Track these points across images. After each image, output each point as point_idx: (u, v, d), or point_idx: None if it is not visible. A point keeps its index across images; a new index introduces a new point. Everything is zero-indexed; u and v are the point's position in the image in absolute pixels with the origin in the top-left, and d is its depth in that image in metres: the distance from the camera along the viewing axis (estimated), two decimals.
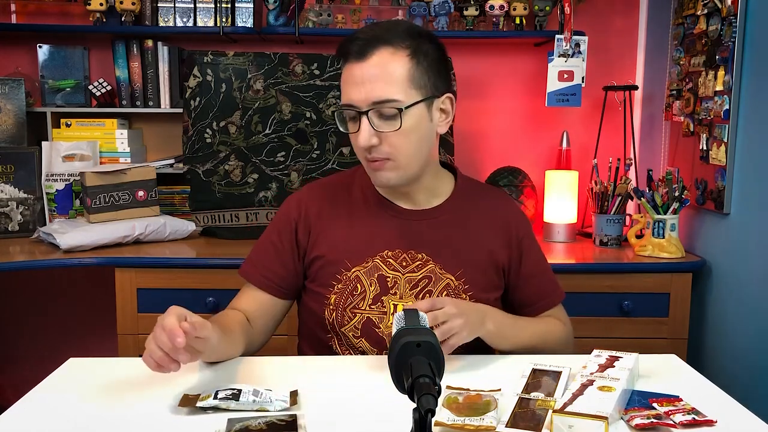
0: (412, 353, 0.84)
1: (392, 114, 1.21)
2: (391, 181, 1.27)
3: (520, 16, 2.47)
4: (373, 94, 1.20)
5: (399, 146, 1.23)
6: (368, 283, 1.31)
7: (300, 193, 1.41)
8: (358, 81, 1.21)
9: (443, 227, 1.34)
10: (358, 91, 1.21)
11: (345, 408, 1.06)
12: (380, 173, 1.26)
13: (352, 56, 1.22)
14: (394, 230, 1.33)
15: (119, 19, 2.47)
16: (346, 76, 1.24)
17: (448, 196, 1.37)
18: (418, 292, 1.31)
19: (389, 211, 1.35)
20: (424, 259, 1.32)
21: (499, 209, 1.40)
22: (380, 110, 1.21)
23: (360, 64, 1.21)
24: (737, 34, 1.96)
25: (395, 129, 1.21)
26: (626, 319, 2.10)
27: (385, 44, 1.22)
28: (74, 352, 1.35)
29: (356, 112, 1.22)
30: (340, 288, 1.31)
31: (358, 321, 1.31)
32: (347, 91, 1.23)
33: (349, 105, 1.23)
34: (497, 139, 2.69)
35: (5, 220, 2.39)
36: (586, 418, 0.94)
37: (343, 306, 1.31)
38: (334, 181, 1.42)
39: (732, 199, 2.02)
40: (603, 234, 2.32)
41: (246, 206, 2.33)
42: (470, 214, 1.37)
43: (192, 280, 2.06)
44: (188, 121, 2.30)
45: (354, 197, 1.38)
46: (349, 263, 1.32)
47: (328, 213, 1.36)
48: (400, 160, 1.24)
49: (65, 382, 1.17)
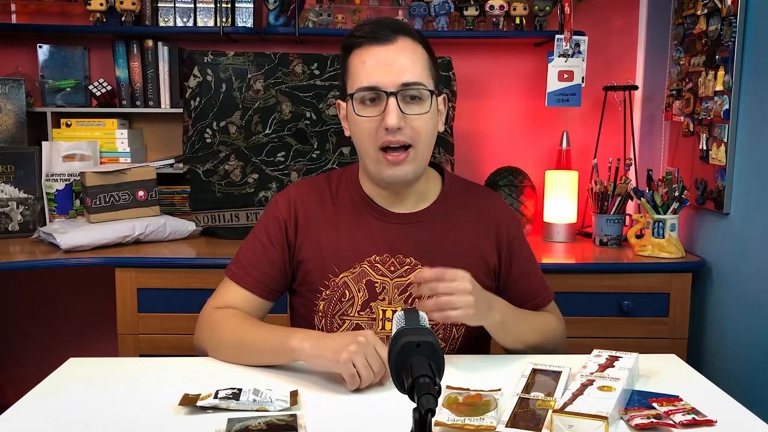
0: (412, 353, 0.84)
1: (418, 97, 1.22)
2: (408, 175, 1.25)
3: (520, 16, 2.47)
4: (402, 76, 1.20)
5: (421, 131, 1.23)
6: (356, 289, 1.30)
7: (288, 192, 1.37)
8: (385, 62, 1.21)
9: (431, 230, 1.32)
10: (386, 72, 1.20)
11: (345, 408, 1.06)
12: (398, 167, 1.24)
13: (376, 40, 1.22)
14: (382, 234, 1.31)
15: (119, 19, 2.47)
16: (368, 58, 1.22)
17: (436, 197, 1.35)
18: (407, 297, 1.30)
19: (376, 215, 1.33)
20: (413, 264, 1.30)
21: (489, 210, 1.38)
22: (406, 93, 1.21)
23: (387, 47, 1.21)
24: (737, 34, 1.96)
25: (423, 112, 1.22)
26: (626, 319, 2.10)
27: (406, 34, 1.24)
28: (74, 352, 1.35)
29: (383, 93, 1.20)
30: (328, 294, 1.30)
31: (347, 328, 1.30)
32: (370, 74, 1.21)
33: (374, 87, 1.21)
34: (497, 139, 2.69)
35: (5, 220, 2.39)
36: (586, 418, 0.94)
37: (331, 313, 1.30)
38: (321, 182, 1.39)
39: (732, 199, 2.02)
40: (603, 234, 2.32)
41: (246, 206, 2.33)
42: (459, 216, 1.35)
43: (192, 280, 2.06)
44: (188, 121, 2.30)
45: (341, 199, 1.35)
46: (337, 269, 1.30)
47: (316, 214, 1.33)
48: (419, 147, 1.24)
49: (65, 382, 1.17)
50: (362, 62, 1.22)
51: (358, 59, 1.23)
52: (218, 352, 1.26)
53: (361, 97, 1.22)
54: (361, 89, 1.22)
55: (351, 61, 1.25)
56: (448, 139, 2.33)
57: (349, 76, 1.26)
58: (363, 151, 1.27)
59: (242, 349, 1.23)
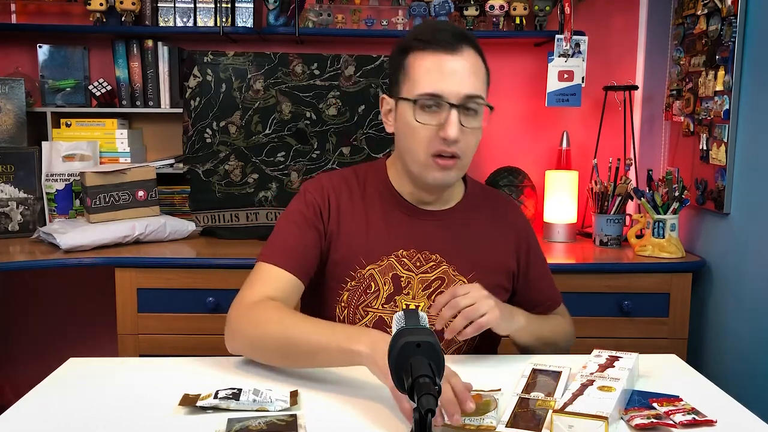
0: (412, 353, 0.84)
1: (475, 110, 1.23)
2: (451, 180, 1.29)
3: (520, 16, 2.48)
4: (466, 89, 1.21)
5: (471, 144, 1.25)
6: (382, 282, 1.30)
7: (320, 180, 1.36)
8: (450, 72, 1.21)
9: (457, 229, 1.35)
10: (450, 82, 1.20)
11: (345, 408, 1.06)
12: (447, 172, 1.25)
13: (441, 47, 1.21)
14: (409, 229, 1.32)
15: (119, 19, 2.47)
16: (432, 65, 1.21)
17: (460, 199, 1.38)
18: (431, 293, 1.30)
19: (404, 210, 1.34)
20: (438, 260, 1.32)
21: (508, 216, 1.42)
22: (468, 105, 1.22)
23: (453, 57, 1.21)
24: (737, 34, 1.96)
25: (479, 126, 1.24)
26: (626, 319, 2.10)
27: (471, 45, 1.24)
28: (74, 352, 1.35)
29: (446, 103, 1.20)
30: (353, 285, 1.30)
31: (369, 320, 1.30)
32: (433, 81, 1.21)
33: (438, 95, 1.21)
34: (497, 139, 2.69)
35: (5, 220, 2.39)
36: (586, 418, 0.94)
37: (355, 304, 1.30)
38: (349, 174, 1.39)
39: (732, 199, 2.03)
40: (603, 234, 2.32)
41: (246, 206, 2.33)
42: (481, 218, 1.38)
43: (192, 280, 2.06)
44: (188, 121, 2.30)
45: (369, 192, 1.35)
46: (365, 261, 1.30)
47: (346, 205, 1.33)
48: (466, 159, 1.26)
49: (65, 382, 1.17)
50: (425, 68, 1.22)
51: (421, 63, 1.22)
52: (262, 352, 1.19)
53: (423, 103, 1.22)
54: (423, 95, 1.21)
55: (411, 63, 1.24)
56: None
57: (407, 79, 1.24)
58: (412, 154, 1.26)
59: (291, 348, 1.14)
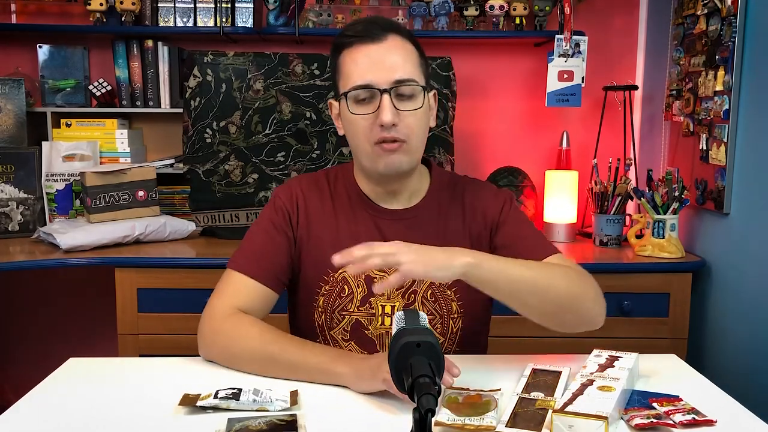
0: (412, 353, 0.84)
1: (410, 94, 1.23)
2: (403, 165, 1.26)
3: (520, 16, 2.48)
4: (395, 74, 1.21)
5: (414, 127, 1.24)
6: (355, 284, 1.30)
7: (290, 185, 1.38)
8: (376, 60, 1.22)
9: (424, 225, 1.33)
10: (378, 70, 1.21)
11: (345, 408, 1.06)
12: (393, 156, 1.24)
13: (367, 38, 1.23)
14: (378, 230, 1.32)
15: (119, 19, 2.47)
16: (359, 57, 1.23)
17: (426, 193, 1.36)
18: (404, 292, 1.30)
19: (371, 211, 1.34)
20: None
21: (475, 199, 1.37)
22: (399, 90, 1.22)
23: (377, 45, 1.22)
24: (737, 34, 1.96)
25: (416, 108, 1.23)
26: (626, 319, 2.10)
27: (396, 32, 1.25)
28: (74, 352, 1.35)
29: (377, 91, 1.21)
30: (327, 290, 1.31)
31: (347, 323, 1.31)
32: (362, 72, 1.22)
33: (367, 85, 1.22)
34: (497, 139, 2.69)
35: (5, 220, 2.39)
36: (586, 418, 0.94)
37: (331, 308, 1.31)
38: (320, 177, 1.40)
39: (732, 199, 2.02)
40: (603, 234, 2.32)
41: (246, 206, 2.33)
42: (448, 209, 1.36)
43: (192, 280, 2.06)
44: (188, 121, 2.30)
45: (338, 194, 1.36)
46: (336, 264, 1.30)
47: (316, 209, 1.35)
48: (412, 142, 1.25)
49: (65, 382, 1.17)
50: (354, 61, 1.24)
51: (350, 58, 1.24)
52: (240, 363, 1.21)
53: (355, 95, 1.23)
54: (354, 88, 1.23)
55: (343, 60, 1.26)
56: (448, 139, 2.33)
57: (341, 76, 1.27)
58: (358, 148, 1.28)
59: (272, 364, 1.18)
